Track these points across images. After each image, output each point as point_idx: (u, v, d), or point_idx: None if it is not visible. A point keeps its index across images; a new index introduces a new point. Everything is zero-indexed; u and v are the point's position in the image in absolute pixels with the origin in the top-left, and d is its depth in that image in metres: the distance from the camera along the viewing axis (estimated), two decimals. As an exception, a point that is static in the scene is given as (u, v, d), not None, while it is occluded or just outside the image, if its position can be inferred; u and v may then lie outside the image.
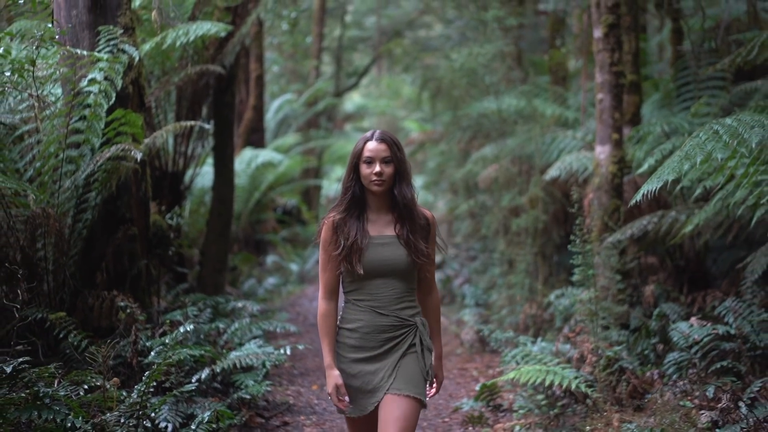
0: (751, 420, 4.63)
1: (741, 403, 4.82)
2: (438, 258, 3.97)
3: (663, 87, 9.97)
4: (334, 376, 4.00)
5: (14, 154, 7.21)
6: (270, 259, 16.20)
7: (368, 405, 4.01)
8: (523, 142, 10.04)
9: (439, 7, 19.20)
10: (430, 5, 20.81)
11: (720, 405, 4.79)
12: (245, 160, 15.71)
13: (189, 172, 10.56)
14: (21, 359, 4.54)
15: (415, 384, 3.98)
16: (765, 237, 6.38)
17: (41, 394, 4.41)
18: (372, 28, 27.50)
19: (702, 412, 4.85)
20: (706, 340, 5.72)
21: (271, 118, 21.63)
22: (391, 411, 3.91)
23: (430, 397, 4.12)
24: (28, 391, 4.33)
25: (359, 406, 4.04)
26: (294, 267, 16.04)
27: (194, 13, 9.76)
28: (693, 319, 6.04)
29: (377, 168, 3.99)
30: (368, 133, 4.11)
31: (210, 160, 12.81)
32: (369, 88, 33.34)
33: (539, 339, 7.12)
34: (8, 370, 4.37)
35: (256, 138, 18.30)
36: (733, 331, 5.71)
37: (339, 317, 4.13)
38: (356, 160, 4.07)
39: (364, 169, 4.04)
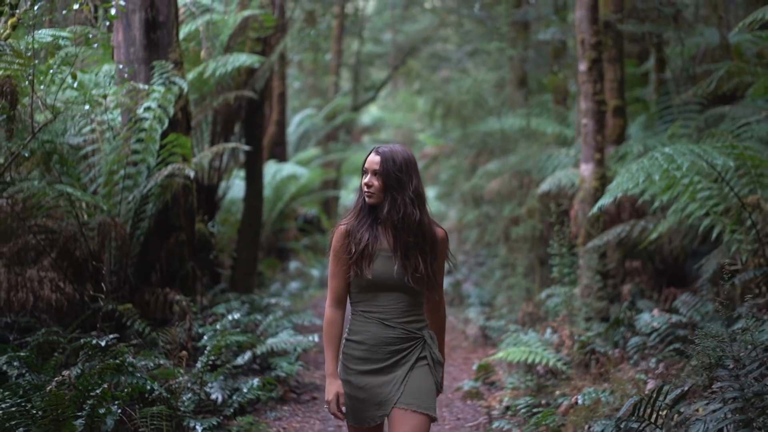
0: (685, 384, 5.77)
1: (683, 374, 5.97)
2: (446, 267, 4.27)
3: (649, 110, 11.11)
4: (335, 385, 4.04)
5: (78, 170, 8.42)
6: (293, 265, 17.36)
7: (376, 418, 4.03)
8: (523, 158, 11.22)
9: (455, 22, 19.99)
10: (446, 21, 21.58)
11: (657, 371, 5.94)
12: (270, 172, 16.75)
13: (222, 185, 11.76)
14: (111, 336, 5.74)
15: (424, 398, 3.99)
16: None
17: (126, 364, 5.60)
18: (389, 44, 28.42)
19: (648, 380, 6.01)
20: (663, 327, 6.88)
21: (292, 132, 22.63)
22: (401, 426, 3.96)
23: None
24: (117, 360, 5.51)
25: (366, 418, 4.03)
26: (315, 273, 17.14)
27: (230, 44, 10.97)
28: (655, 311, 7.21)
29: (366, 179, 4.07)
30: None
31: (236, 173, 13.97)
32: (386, 100, 34.22)
33: (530, 329, 8.31)
34: (102, 344, 5.57)
35: (278, 151, 19.34)
36: (684, 320, 6.88)
37: (347, 329, 4.16)
38: (362, 170, 4.16)
39: (362, 180, 4.13)
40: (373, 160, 4.06)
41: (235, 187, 14.24)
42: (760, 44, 8.53)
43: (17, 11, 7.34)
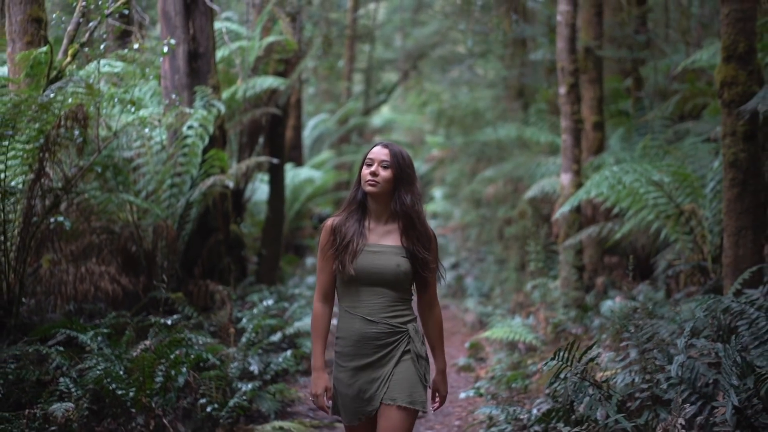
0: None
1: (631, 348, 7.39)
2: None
3: (627, 124, 12.53)
4: (323, 379, 4.10)
5: (129, 180, 9.85)
6: (309, 261, 18.77)
7: (362, 414, 4.08)
8: (516, 166, 12.67)
9: (462, 24, 20.94)
10: (453, 26, 22.57)
11: (606, 344, 7.37)
12: (288, 176, 18.06)
13: (249, 187, 13.19)
14: (175, 316, 7.21)
15: (407, 392, 4.03)
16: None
17: (187, 338, 7.06)
18: (399, 49, 29.45)
19: (600, 351, 7.44)
20: (621, 311, 8.30)
21: (307, 135, 23.89)
22: (384, 421, 4.02)
23: (434, 411, 4.32)
24: (181, 335, 6.97)
25: (356, 414, 4.10)
26: (329, 268, 18.49)
27: (256, 65, 12.43)
28: (617, 298, 8.65)
29: (373, 168, 4.08)
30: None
31: (256, 177, 15.35)
32: (397, 101, 35.23)
33: (516, 315, 9.77)
34: (169, 323, 7.05)
35: (295, 155, 20.67)
36: (638, 305, 8.30)
37: (336, 327, 4.21)
38: (361, 164, 4.17)
39: (363, 171, 4.12)
40: (382, 152, 4.13)
41: (258, 190, 15.63)
42: (709, 71, 9.93)
43: (86, 49, 8.80)
